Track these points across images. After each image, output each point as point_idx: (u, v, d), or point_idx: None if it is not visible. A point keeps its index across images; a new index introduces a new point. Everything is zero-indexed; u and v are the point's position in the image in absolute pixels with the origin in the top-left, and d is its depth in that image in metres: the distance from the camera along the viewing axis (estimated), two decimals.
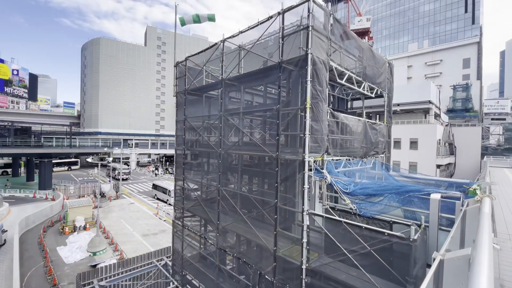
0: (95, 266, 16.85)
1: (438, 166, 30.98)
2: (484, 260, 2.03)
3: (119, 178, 43.31)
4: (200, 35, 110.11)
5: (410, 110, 34.51)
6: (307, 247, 6.91)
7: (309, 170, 6.98)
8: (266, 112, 9.83)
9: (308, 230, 6.90)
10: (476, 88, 51.69)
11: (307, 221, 6.90)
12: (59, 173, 58.71)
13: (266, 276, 7.92)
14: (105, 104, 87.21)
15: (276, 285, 7.55)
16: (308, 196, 7.03)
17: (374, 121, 11.02)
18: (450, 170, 37.08)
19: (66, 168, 64.71)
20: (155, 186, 39.86)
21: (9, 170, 53.92)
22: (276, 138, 7.58)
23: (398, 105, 32.93)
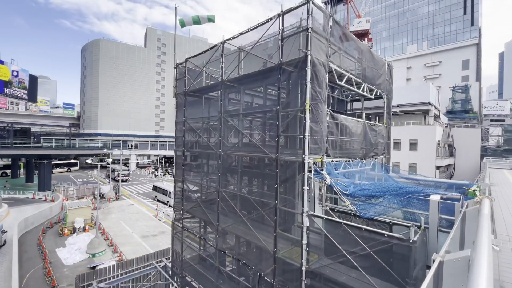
0: (94, 268, 16.81)
1: (438, 168, 31.00)
2: (484, 262, 2.03)
3: (119, 180, 43.27)
4: (200, 37, 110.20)
5: (410, 112, 34.58)
6: (307, 249, 6.90)
7: (309, 172, 6.98)
8: (266, 114, 9.85)
9: (308, 232, 6.90)
10: (475, 90, 51.82)
11: (307, 223, 6.89)
12: (59, 175, 58.66)
13: (266, 278, 7.90)
14: (105, 105, 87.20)
15: (276, 287, 7.53)
16: (308, 198, 7.03)
17: (374, 123, 11.02)
18: (450, 172, 37.10)
19: (66, 170, 64.63)
20: (155, 188, 39.73)
21: (9, 171, 53.89)
22: (276, 140, 7.58)
23: (398, 107, 33.00)
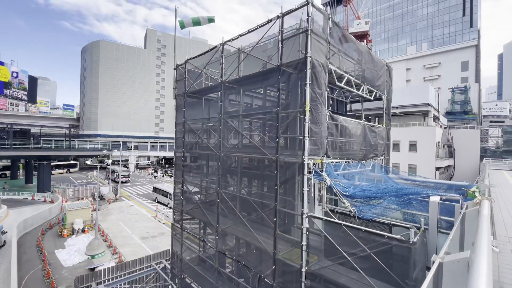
0: (94, 269, 16.76)
1: (438, 169, 31.02)
2: (483, 263, 2.04)
3: (118, 181, 43.21)
4: (200, 38, 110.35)
5: (409, 113, 34.63)
6: (307, 250, 6.89)
7: (309, 173, 6.99)
8: (266, 115, 9.85)
9: (308, 233, 6.89)
10: (475, 91, 51.97)
11: (307, 224, 6.89)
12: (58, 176, 58.59)
13: (266, 279, 7.89)
14: (105, 106, 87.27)
15: None
16: (308, 199, 7.03)
17: (373, 124, 11.04)
18: (450, 173, 37.12)
19: (65, 171, 64.56)
20: (156, 189, 39.67)
21: (8, 173, 53.77)
22: (276, 141, 7.58)
23: (397, 108, 33.06)
